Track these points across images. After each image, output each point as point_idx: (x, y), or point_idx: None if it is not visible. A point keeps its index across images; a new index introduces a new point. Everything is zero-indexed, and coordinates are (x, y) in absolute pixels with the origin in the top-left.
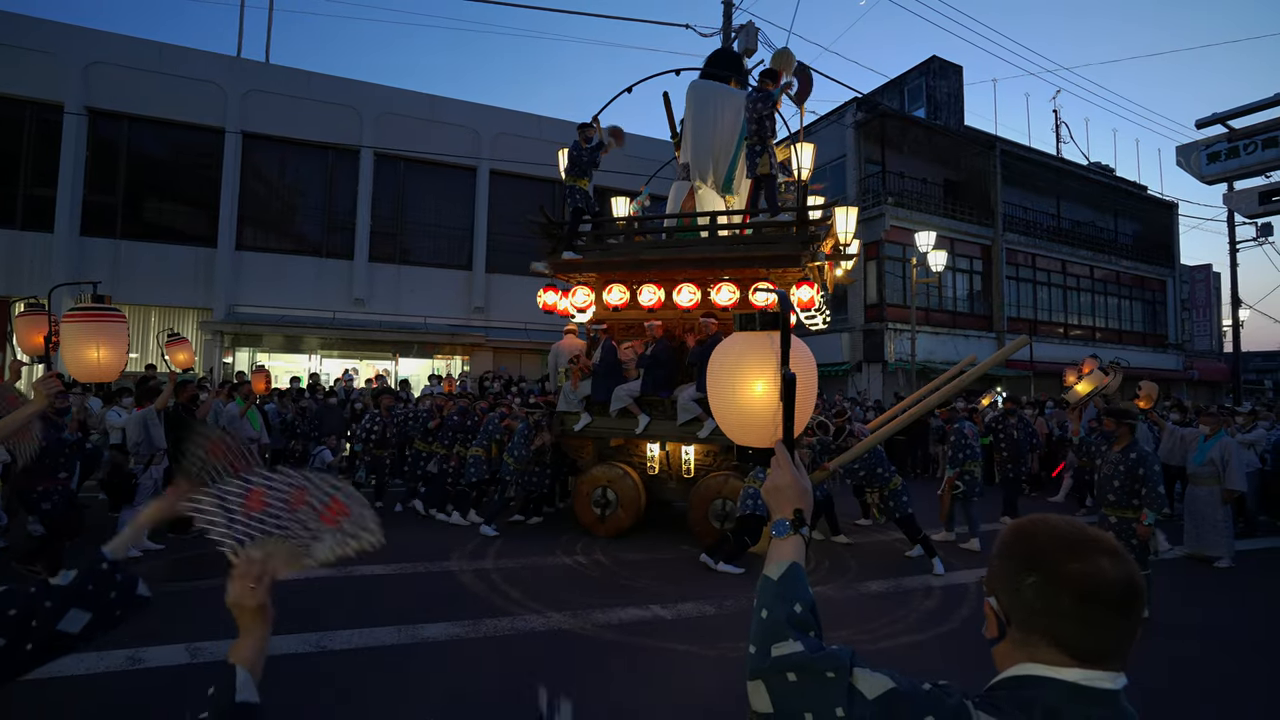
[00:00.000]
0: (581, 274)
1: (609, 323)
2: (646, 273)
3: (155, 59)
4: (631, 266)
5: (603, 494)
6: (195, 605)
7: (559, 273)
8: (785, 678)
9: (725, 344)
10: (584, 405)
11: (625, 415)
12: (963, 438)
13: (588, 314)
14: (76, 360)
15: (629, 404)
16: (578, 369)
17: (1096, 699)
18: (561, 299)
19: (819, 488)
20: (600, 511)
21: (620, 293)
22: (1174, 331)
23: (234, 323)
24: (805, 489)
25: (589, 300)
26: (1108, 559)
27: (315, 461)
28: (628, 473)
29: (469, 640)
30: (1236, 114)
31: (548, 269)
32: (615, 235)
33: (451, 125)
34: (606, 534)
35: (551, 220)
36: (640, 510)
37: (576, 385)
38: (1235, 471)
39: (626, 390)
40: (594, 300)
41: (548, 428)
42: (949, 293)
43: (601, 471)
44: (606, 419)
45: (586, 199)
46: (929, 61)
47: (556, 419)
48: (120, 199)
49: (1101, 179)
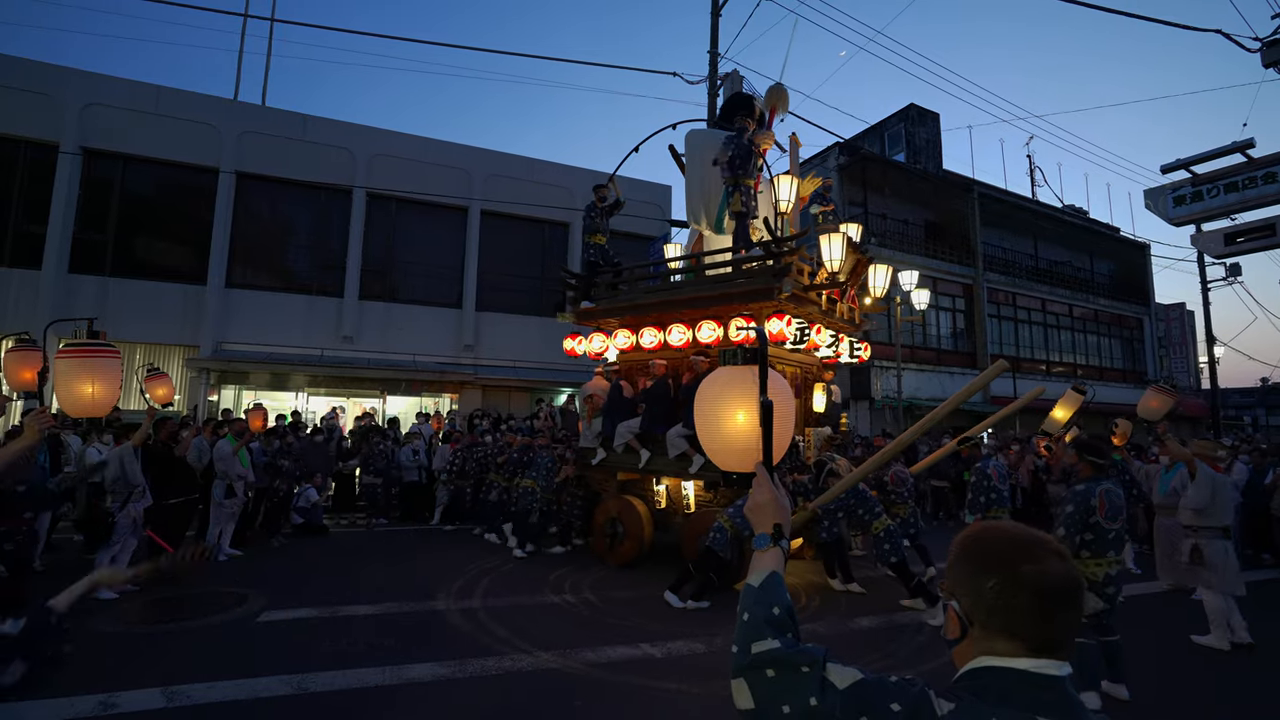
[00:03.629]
0: (596, 321)
1: (625, 364)
2: (647, 316)
3: (153, 101)
4: (633, 311)
5: (612, 525)
6: (170, 647)
7: (580, 320)
8: (764, 673)
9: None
10: (599, 441)
11: (632, 451)
12: (985, 478)
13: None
14: (70, 395)
15: (630, 440)
16: (591, 406)
17: (1044, 684)
18: (577, 344)
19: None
20: (609, 542)
21: (626, 336)
22: (1152, 368)
23: (220, 360)
24: (784, 506)
25: (605, 345)
26: (1055, 559)
27: (300, 500)
28: (635, 506)
29: (456, 681)
30: (1199, 160)
31: (571, 317)
32: (622, 283)
33: (444, 166)
34: (616, 562)
35: (572, 273)
36: (645, 542)
37: (589, 421)
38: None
39: (627, 427)
40: (608, 344)
41: (574, 461)
42: (933, 330)
43: (613, 504)
44: (617, 454)
45: (603, 253)
46: (907, 109)
47: (581, 454)
48: (111, 237)
49: (1076, 221)
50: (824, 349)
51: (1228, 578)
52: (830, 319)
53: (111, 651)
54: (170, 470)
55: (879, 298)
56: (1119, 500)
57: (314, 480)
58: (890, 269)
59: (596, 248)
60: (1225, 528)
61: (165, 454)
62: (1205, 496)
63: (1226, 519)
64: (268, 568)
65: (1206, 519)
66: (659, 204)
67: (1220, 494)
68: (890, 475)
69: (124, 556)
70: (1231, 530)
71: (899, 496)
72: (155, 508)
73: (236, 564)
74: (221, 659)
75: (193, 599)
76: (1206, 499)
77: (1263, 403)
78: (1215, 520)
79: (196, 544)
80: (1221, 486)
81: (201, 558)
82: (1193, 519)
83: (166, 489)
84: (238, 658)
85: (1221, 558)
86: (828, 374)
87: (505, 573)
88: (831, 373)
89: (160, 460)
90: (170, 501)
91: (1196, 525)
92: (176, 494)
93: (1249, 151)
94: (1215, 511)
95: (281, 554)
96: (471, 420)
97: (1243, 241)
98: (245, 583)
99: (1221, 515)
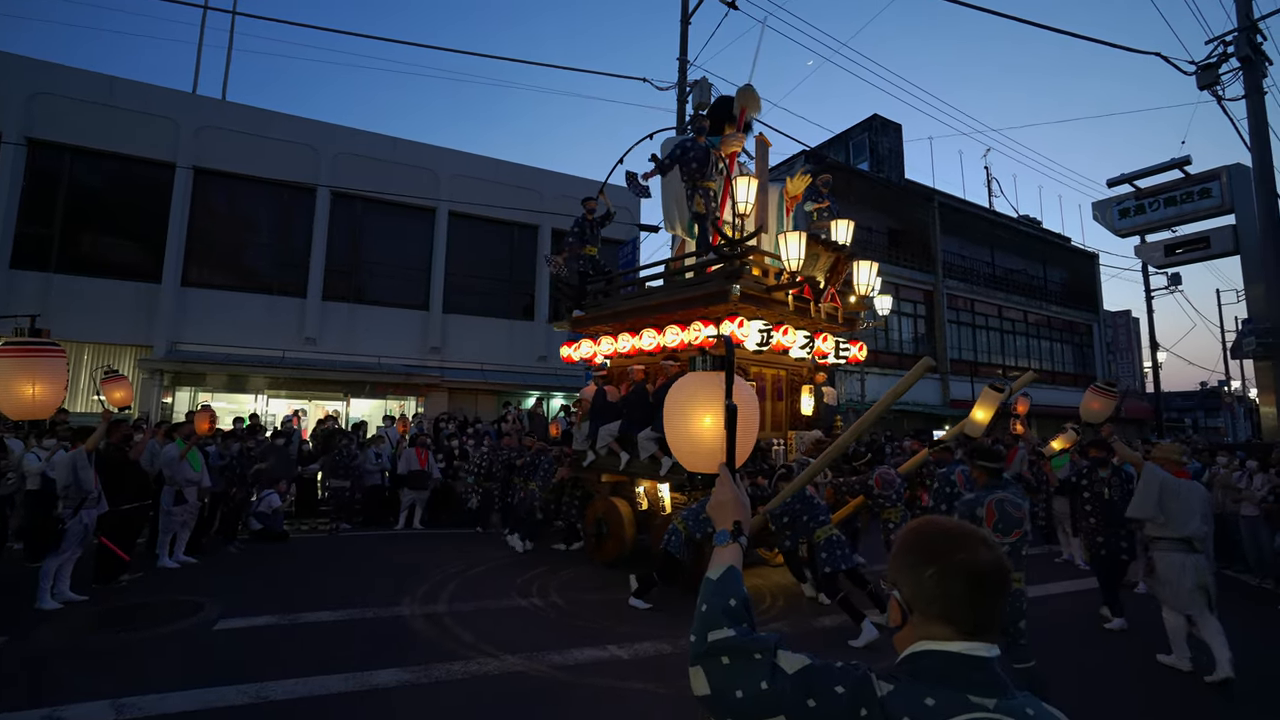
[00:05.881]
0: (587, 329)
1: (615, 369)
2: (624, 323)
3: (106, 92)
4: (614, 319)
5: (598, 525)
6: (120, 659)
7: (574, 329)
8: (720, 660)
9: (680, 383)
10: (589, 444)
11: (614, 453)
12: (949, 484)
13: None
14: (9, 397)
15: (611, 443)
16: (580, 410)
17: (975, 664)
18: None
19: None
20: (596, 541)
21: (609, 343)
22: (1101, 372)
23: (175, 361)
24: (744, 504)
25: (593, 351)
26: (984, 548)
27: (261, 506)
28: (618, 507)
29: (420, 686)
30: (1141, 175)
31: (567, 326)
32: (607, 292)
33: (411, 166)
34: (601, 560)
35: (568, 284)
36: (627, 542)
37: (579, 425)
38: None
39: (608, 430)
40: (595, 351)
41: (569, 463)
42: (895, 335)
43: (600, 504)
44: (602, 457)
45: (594, 264)
46: (871, 119)
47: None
48: (57, 231)
49: (1030, 230)
50: (796, 350)
51: (1180, 595)
52: (805, 319)
53: (58, 664)
54: (123, 475)
55: (863, 295)
56: (1015, 510)
57: (277, 486)
58: (875, 265)
59: (587, 259)
60: (1185, 539)
61: (119, 458)
62: (1149, 504)
63: (1186, 529)
64: (225, 575)
65: (1162, 529)
66: (629, 208)
67: (1175, 501)
68: (876, 479)
69: (70, 566)
70: (1199, 543)
71: (887, 500)
72: (107, 514)
73: (191, 571)
74: (175, 669)
75: (145, 608)
76: (1152, 506)
77: (1201, 405)
78: (1171, 531)
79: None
80: (1175, 493)
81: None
82: (1151, 529)
83: (119, 495)
84: (192, 668)
85: (1175, 573)
86: (819, 375)
87: (472, 577)
88: (823, 374)
89: (113, 465)
90: (123, 508)
91: (1153, 536)
92: (129, 500)
93: (1186, 168)
94: (1171, 521)
95: (239, 561)
96: (437, 423)
97: (1181, 253)
98: (201, 591)
99: (1178, 525)
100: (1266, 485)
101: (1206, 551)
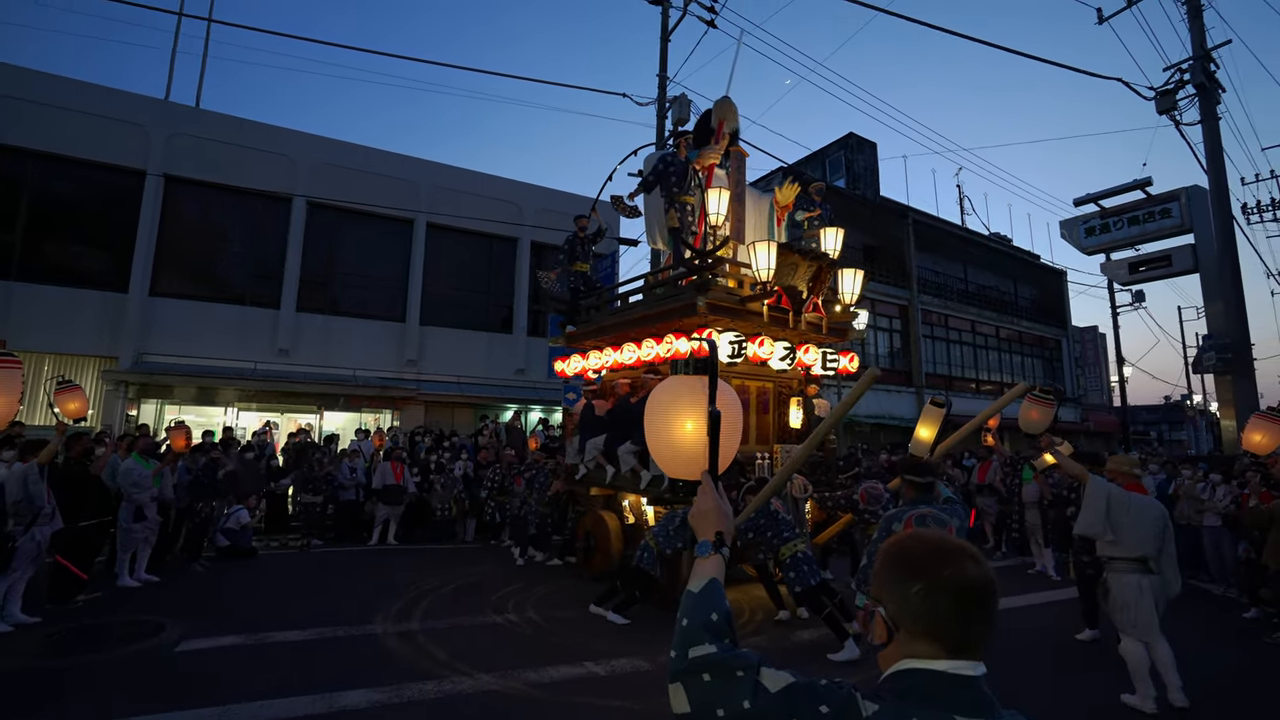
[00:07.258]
0: (578, 344)
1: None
2: (607, 337)
3: (74, 97)
4: (600, 334)
5: (587, 538)
6: (76, 681)
7: (568, 344)
8: (700, 678)
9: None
10: (580, 459)
11: (600, 468)
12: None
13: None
14: None
15: (598, 456)
16: (570, 424)
17: (961, 683)
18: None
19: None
20: (584, 554)
21: (597, 357)
22: (1070, 387)
23: (141, 372)
24: (727, 513)
25: (582, 365)
26: (971, 563)
27: (229, 522)
28: (606, 520)
29: (392, 707)
30: (1105, 194)
31: (562, 341)
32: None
33: (389, 177)
34: (591, 572)
35: (561, 299)
36: (614, 555)
37: (570, 439)
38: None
39: (594, 444)
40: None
41: (563, 477)
42: (871, 349)
43: (589, 518)
44: (591, 471)
45: (585, 280)
46: (847, 137)
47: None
48: (18, 238)
49: (1001, 248)
50: (776, 362)
51: (1140, 619)
52: (785, 330)
53: (10, 688)
54: (83, 491)
55: (848, 304)
56: (937, 526)
57: (247, 501)
58: (861, 273)
59: (578, 275)
60: (1141, 559)
61: (78, 473)
62: (1096, 519)
63: (1142, 549)
64: (189, 594)
65: (1113, 548)
66: (608, 221)
67: (1125, 516)
68: (861, 494)
69: (20, 586)
70: (1154, 562)
71: (873, 515)
72: (65, 531)
73: (153, 590)
74: (134, 692)
75: (103, 629)
76: (1099, 522)
77: (1166, 419)
78: (1124, 550)
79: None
80: (1125, 507)
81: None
82: (1102, 548)
83: (78, 511)
84: (153, 690)
85: (1133, 594)
86: (811, 388)
87: (446, 593)
88: (815, 387)
89: (72, 480)
90: (82, 524)
91: (1107, 556)
92: (89, 516)
93: (1148, 189)
94: (1123, 539)
95: (205, 579)
96: (413, 437)
97: (1144, 270)
98: (163, 610)
99: (1134, 544)
100: (1229, 496)
101: (1172, 570)
